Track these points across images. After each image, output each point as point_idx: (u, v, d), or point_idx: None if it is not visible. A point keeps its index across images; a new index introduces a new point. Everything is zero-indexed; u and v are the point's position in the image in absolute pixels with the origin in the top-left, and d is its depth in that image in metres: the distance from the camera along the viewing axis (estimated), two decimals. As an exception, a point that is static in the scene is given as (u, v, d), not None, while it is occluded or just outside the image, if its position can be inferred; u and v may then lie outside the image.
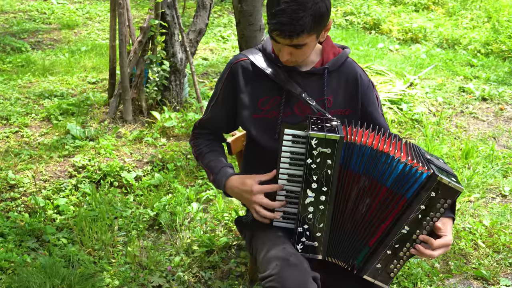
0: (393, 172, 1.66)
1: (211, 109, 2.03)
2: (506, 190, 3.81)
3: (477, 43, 7.95)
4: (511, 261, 2.96)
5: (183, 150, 3.91)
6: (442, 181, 1.61)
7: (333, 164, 1.68)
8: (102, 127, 4.21)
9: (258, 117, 1.92)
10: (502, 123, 5.26)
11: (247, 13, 2.22)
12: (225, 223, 3.16)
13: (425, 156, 1.73)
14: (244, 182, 1.84)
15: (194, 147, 2.10)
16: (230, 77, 1.95)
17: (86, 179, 3.50)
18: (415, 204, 1.65)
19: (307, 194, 1.73)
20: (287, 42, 1.70)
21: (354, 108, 1.95)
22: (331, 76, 1.91)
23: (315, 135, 1.66)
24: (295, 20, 1.64)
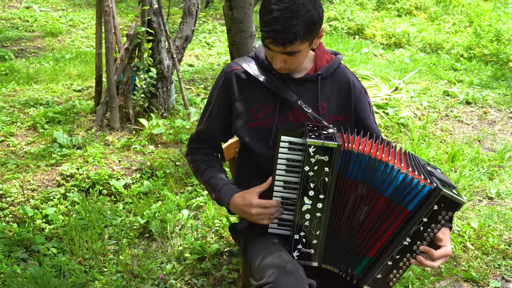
0: (393, 182, 1.67)
1: (207, 120, 2.03)
2: (493, 192, 3.86)
3: (459, 48, 8.05)
4: (499, 263, 3.00)
5: (171, 157, 3.90)
6: (445, 194, 1.62)
7: (330, 172, 1.69)
8: (89, 135, 4.19)
9: (252, 126, 1.92)
10: (486, 126, 5.32)
11: (238, 20, 2.23)
12: (216, 230, 3.16)
13: (425, 167, 1.75)
14: (244, 197, 1.85)
15: (192, 163, 2.09)
16: (225, 86, 1.95)
17: (75, 187, 3.47)
18: (417, 217, 1.66)
19: (304, 202, 1.74)
20: (280, 49, 1.71)
21: (348, 114, 1.96)
22: (324, 82, 1.92)
23: (313, 143, 1.67)
24: (288, 28, 1.65)
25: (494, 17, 9.36)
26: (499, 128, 5.29)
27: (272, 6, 1.67)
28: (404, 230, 1.69)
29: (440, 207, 1.64)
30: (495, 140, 4.97)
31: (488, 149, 4.78)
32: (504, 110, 5.74)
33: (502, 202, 3.75)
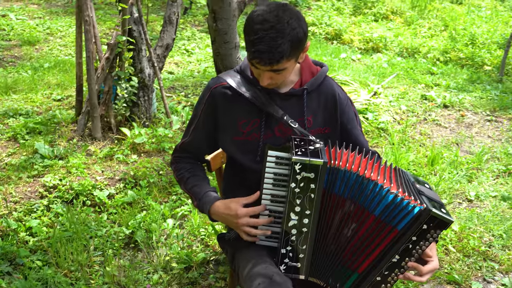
0: (382, 201, 1.69)
1: (192, 132, 2.04)
2: (472, 195, 3.93)
3: (435, 51, 8.18)
4: (480, 265, 3.06)
5: (155, 166, 3.91)
6: (435, 215, 1.65)
7: (316, 188, 1.72)
8: (71, 145, 4.16)
9: (239, 139, 1.94)
10: (463, 129, 5.42)
11: (222, 32, 2.25)
12: (201, 238, 3.17)
13: (415, 185, 1.78)
14: (228, 206, 1.86)
15: (176, 171, 2.10)
16: (210, 101, 1.96)
17: (58, 199, 3.45)
18: (407, 236, 1.69)
19: (291, 217, 1.76)
20: (267, 68, 1.73)
21: (333, 127, 1.99)
22: (310, 96, 1.95)
23: (298, 160, 1.69)
24: (274, 47, 1.66)
25: (468, 21, 9.54)
26: (476, 130, 5.39)
27: (257, 26, 1.68)
28: (393, 248, 1.72)
29: (429, 226, 1.68)
30: (473, 143, 5.07)
31: (466, 152, 4.87)
32: (480, 113, 5.86)
33: (481, 204, 3.82)
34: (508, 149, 4.81)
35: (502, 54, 7.60)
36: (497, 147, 4.94)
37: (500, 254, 3.16)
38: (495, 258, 3.13)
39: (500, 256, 3.13)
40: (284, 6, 1.73)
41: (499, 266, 3.06)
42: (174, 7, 4.68)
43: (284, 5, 1.73)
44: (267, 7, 1.72)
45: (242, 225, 1.82)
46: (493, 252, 3.18)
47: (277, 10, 1.70)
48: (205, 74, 6.54)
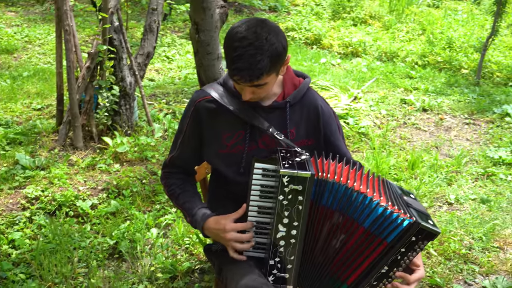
0: (372, 214, 1.72)
1: (179, 147, 2.05)
2: (452, 198, 4.00)
3: (414, 55, 8.28)
4: (461, 267, 3.11)
5: (137, 175, 3.90)
6: (424, 228, 1.69)
7: (304, 200, 1.74)
8: (52, 155, 4.14)
9: (223, 152, 1.96)
10: (442, 132, 5.50)
11: (204, 43, 2.27)
12: (186, 247, 3.18)
13: (402, 198, 1.81)
14: (218, 222, 1.88)
15: (166, 187, 2.11)
16: (195, 115, 1.97)
17: (40, 210, 3.44)
18: (396, 248, 1.73)
19: (279, 229, 1.78)
20: (248, 84, 1.76)
21: (317, 139, 2.01)
22: (293, 109, 1.97)
23: (286, 173, 1.71)
24: (254, 64, 1.68)
25: (445, 24, 9.67)
26: (455, 134, 5.48)
27: (236, 43, 1.69)
28: (382, 260, 1.75)
29: (418, 238, 1.71)
30: (452, 146, 5.14)
31: (446, 155, 4.94)
32: (458, 116, 5.95)
33: (461, 207, 3.88)
34: (486, 152, 4.89)
35: (478, 57, 7.72)
36: (475, 149, 5.02)
37: (480, 256, 3.22)
38: (475, 260, 3.19)
39: (480, 259, 3.19)
40: (263, 22, 1.74)
41: (479, 268, 3.11)
42: (154, 15, 4.69)
43: (262, 21, 1.75)
44: (246, 24, 1.73)
45: (229, 240, 1.84)
46: (473, 255, 3.23)
47: (255, 27, 1.71)
48: (186, 81, 6.55)
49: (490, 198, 3.97)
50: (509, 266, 3.11)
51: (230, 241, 1.85)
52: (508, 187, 4.21)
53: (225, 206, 1.98)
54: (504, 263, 3.16)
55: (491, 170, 4.50)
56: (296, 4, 11.75)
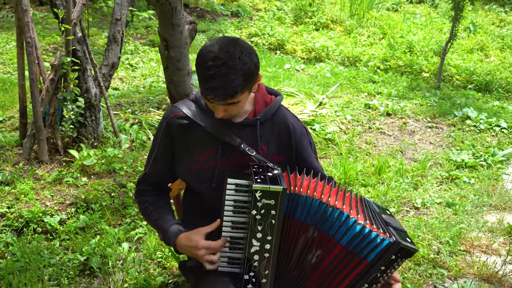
0: (349, 232, 1.75)
1: (152, 163, 2.05)
2: (418, 202, 4.08)
3: (376, 60, 8.42)
4: (431, 272, 3.18)
5: (106, 188, 3.85)
6: (404, 247, 1.73)
7: (276, 215, 1.76)
8: (17, 169, 4.05)
9: (195, 168, 1.96)
10: (406, 136, 5.61)
11: (174, 59, 2.26)
12: (158, 261, 3.15)
13: (381, 216, 1.85)
14: (190, 238, 1.88)
15: (140, 204, 2.11)
16: (167, 131, 1.98)
17: (7, 228, 3.36)
18: (376, 267, 1.76)
19: (253, 243, 1.80)
20: (222, 103, 1.77)
21: (288, 155, 2.03)
22: (263, 126, 1.98)
23: (259, 188, 1.73)
24: (227, 83, 1.69)
25: (404, 28, 9.86)
26: (418, 137, 5.59)
27: (209, 62, 1.70)
28: (363, 278, 1.78)
29: (397, 256, 1.76)
30: (416, 150, 5.25)
31: (411, 159, 5.04)
32: (421, 119, 6.07)
33: (427, 212, 3.97)
34: (449, 155, 5.01)
35: (438, 61, 7.91)
36: (439, 153, 5.14)
37: (448, 260, 3.30)
38: (443, 264, 3.26)
39: (449, 263, 3.27)
40: (235, 41, 1.76)
41: (448, 272, 3.19)
42: (118, 26, 4.64)
43: (234, 41, 1.76)
44: (218, 43, 1.74)
45: (202, 256, 1.84)
46: (441, 259, 3.31)
47: (228, 46, 1.72)
48: (151, 90, 6.50)
49: (455, 201, 4.07)
50: (476, 269, 3.19)
51: (203, 257, 1.85)
52: (472, 190, 4.32)
53: (198, 222, 1.98)
54: (471, 266, 3.24)
55: (455, 174, 4.61)
56: (258, 9, 11.81)
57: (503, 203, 4.10)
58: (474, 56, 8.85)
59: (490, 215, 3.94)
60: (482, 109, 6.35)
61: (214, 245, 1.84)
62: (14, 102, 5.72)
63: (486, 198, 4.16)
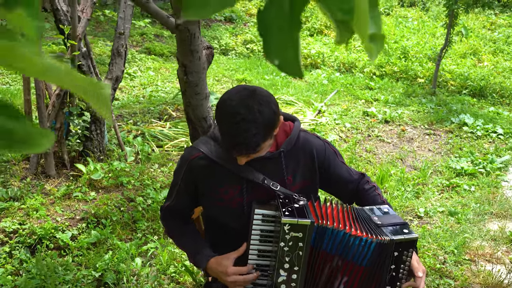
0: (368, 253, 1.84)
1: (175, 197, 2.07)
2: (421, 211, 4.16)
3: (371, 66, 8.51)
4: (438, 282, 3.26)
5: (115, 202, 3.90)
6: (398, 241, 1.81)
7: (304, 247, 1.82)
8: (25, 185, 4.09)
9: (222, 205, 1.98)
10: (405, 144, 5.70)
11: (193, 84, 2.32)
12: (171, 276, 3.21)
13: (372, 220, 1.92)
14: (220, 263, 1.93)
15: (166, 227, 2.16)
16: (188, 173, 1.99)
17: (20, 244, 3.40)
18: (384, 268, 1.85)
19: (280, 273, 1.86)
20: (244, 156, 1.82)
21: (313, 178, 2.06)
22: (287, 156, 2.00)
23: (287, 222, 1.78)
24: (249, 138, 1.70)
25: (397, 33, 9.97)
26: (417, 145, 5.68)
27: (230, 119, 1.71)
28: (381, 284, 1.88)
29: (399, 251, 1.83)
30: (415, 157, 5.34)
31: (411, 166, 5.13)
32: (419, 126, 6.17)
33: (431, 221, 4.05)
34: (448, 163, 5.10)
35: (432, 66, 8.02)
36: (438, 160, 5.23)
37: (454, 270, 3.38)
38: (449, 274, 3.35)
39: (454, 272, 3.35)
40: (253, 92, 1.76)
41: (454, 282, 3.27)
42: (121, 40, 4.69)
43: (252, 92, 1.76)
44: (236, 96, 1.75)
45: (231, 282, 1.91)
46: (447, 269, 3.39)
47: (247, 99, 1.72)
48: (151, 100, 6.55)
49: (457, 210, 4.15)
50: (481, 279, 3.28)
51: (232, 284, 1.91)
52: (473, 198, 4.42)
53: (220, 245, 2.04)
54: (476, 275, 3.32)
55: (455, 181, 4.70)
56: (252, 14, 11.88)
57: (503, 211, 4.19)
58: (468, 61, 8.96)
59: (492, 223, 4.03)
60: (478, 115, 6.45)
61: (242, 270, 1.90)
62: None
63: (487, 206, 4.25)
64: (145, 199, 3.98)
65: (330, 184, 2.12)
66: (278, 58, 0.55)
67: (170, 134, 5.35)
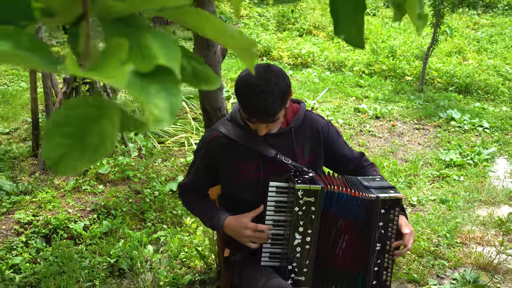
0: (360, 210, 2.07)
1: (193, 174, 2.29)
2: (414, 200, 4.38)
3: (360, 65, 8.75)
4: (433, 263, 3.48)
5: (123, 195, 4.07)
6: (383, 198, 2.03)
7: (316, 210, 2.03)
8: (34, 179, 4.25)
9: (240, 181, 2.20)
10: (396, 138, 5.92)
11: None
12: (182, 261, 3.39)
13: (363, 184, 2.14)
14: (239, 220, 2.13)
15: (183, 200, 2.37)
16: (208, 152, 2.22)
17: (35, 234, 3.56)
18: (373, 225, 2.06)
19: (295, 237, 2.06)
20: (264, 123, 2.03)
21: (319, 154, 2.30)
22: (296, 132, 2.25)
23: (301, 187, 2.00)
24: (268, 106, 1.94)
25: (384, 33, 10.23)
26: (407, 139, 5.91)
27: (250, 92, 1.95)
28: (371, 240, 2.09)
29: (385, 208, 2.05)
30: (406, 151, 5.57)
31: (402, 159, 5.35)
32: (408, 122, 6.40)
33: (423, 208, 4.27)
34: (438, 155, 5.34)
35: (419, 65, 8.27)
36: (428, 153, 5.46)
37: (447, 252, 3.60)
38: (443, 256, 3.56)
39: (448, 254, 3.57)
40: (268, 67, 2.01)
41: (448, 263, 3.48)
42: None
43: (267, 67, 2.01)
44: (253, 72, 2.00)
45: (248, 236, 2.10)
46: (441, 251, 3.61)
47: (263, 73, 1.97)
48: (148, 98, 6.70)
49: (448, 198, 4.38)
50: (473, 259, 3.50)
51: (249, 237, 2.11)
52: (462, 187, 4.65)
53: None
54: (468, 256, 3.54)
55: (445, 172, 4.93)
56: (240, 15, 12.06)
57: (491, 198, 4.42)
58: (453, 59, 9.24)
59: (481, 209, 4.26)
60: (465, 111, 6.71)
61: (261, 227, 2.09)
62: (16, 114, 5.89)
63: (476, 194, 4.48)
64: (152, 191, 4.15)
65: (333, 161, 2.33)
66: (345, 34, 0.74)
67: (170, 131, 5.53)
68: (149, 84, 0.50)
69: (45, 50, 0.47)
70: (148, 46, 0.48)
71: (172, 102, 0.53)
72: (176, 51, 0.49)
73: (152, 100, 0.51)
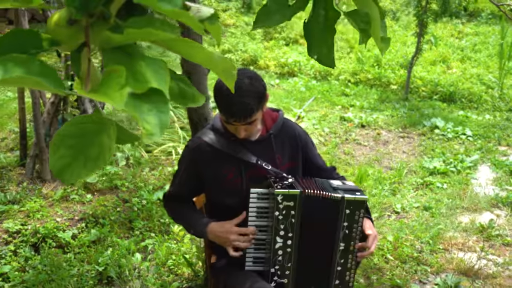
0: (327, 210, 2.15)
1: (178, 184, 2.37)
2: (398, 207, 4.47)
3: (346, 74, 8.86)
4: (415, 269, 3.55)
5: (111, 204, 4.11)
6: (348, 199, 2.10)
7: (296, 214, 2.11)
8: (22, 189, 4.28)
9: (224, 187, 2.28)
10: (381, 146, 6.02)
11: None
12: (170, 269, 3.43)
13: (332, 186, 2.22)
14: (223, 225, 2.21)
15: (168, 209, 2.44)
16: (191, 161, 2.30)
17: (24, 243, 3.59)
18: (339, 224, 2.13)
19: (277, 241, 2.13)
20: (242, 123, 2.11)
21: (297, 160, 2.38)
22: (276, 138, 2.33)
23: (280, 192, 2.08)
24: (245, 105, 2.04)
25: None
26: (392, 147, 6.01)
27: (226, 94, 2.04)
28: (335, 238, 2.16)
29: (350, 209, 2.12)
30: (391, 159, 5.66)
31: (387, 167, 5.44)
32: (393, 130, 6.51)
33: (407, 215, 4.36)
34: (422, 163, 5.43)
35: (404, 74, 8.40)
36: (412, 161, 5.56)
37: (430, 258, 3.68)
38: (426, 262, 3.64)
39: (430, 260, 3.65)
40: (243, 71, 2.11)
41: (430, 268, 3.56)
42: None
43: (243, 70, 2.11)
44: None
45: (232, 240, 2.16)
46: (424, 257, 3.68)
47: (239, 75, 2.05)
48: (136, 108, 6.74)
49: (431, 205, 4.47)
50: (455, 265, 3.58)
51: (233, 242, 2.17)
52: (445, 194, 4.74)
53: None
54: (450, 262, 3.62)
55: (429, 180, 5.02)
56: (227, 24, 12.15)
57: (473, 205, 4.52)
58: (437, 68, 9.39)
59: (463, 216, 4.36)
60: (448, 119, 6.83)
61: (245, 231, 2.16)
62: (3, 124, 5.91)
63: (458, 201, 4.58)
64: (140, 200, 4.20)
65: (307, 169, 2.40)
66: (317, 54, 0.81)
67: (157, 140, 5.57)
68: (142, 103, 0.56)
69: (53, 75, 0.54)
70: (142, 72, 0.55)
71: (162, 118, 0.60)
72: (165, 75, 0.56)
73: (145, 117, 0.57)
